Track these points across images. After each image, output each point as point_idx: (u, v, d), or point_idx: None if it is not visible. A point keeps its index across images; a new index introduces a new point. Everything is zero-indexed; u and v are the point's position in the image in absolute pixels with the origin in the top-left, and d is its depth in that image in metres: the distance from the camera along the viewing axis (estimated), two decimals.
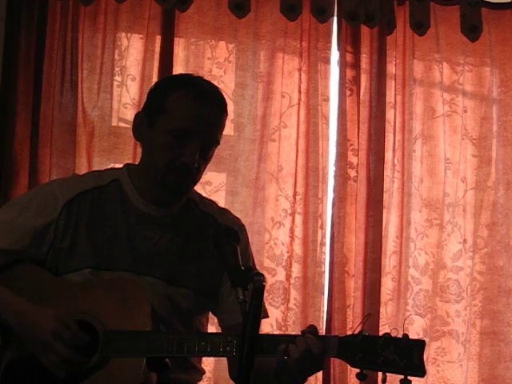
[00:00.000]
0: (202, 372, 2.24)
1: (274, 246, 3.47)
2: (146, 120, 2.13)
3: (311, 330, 1.94)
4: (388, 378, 1.88)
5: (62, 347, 1.91)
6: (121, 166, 2.31)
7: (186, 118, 2.07)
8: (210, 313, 2.28)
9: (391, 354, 1.85)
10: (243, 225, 2.30)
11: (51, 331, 1.92)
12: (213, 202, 2.33)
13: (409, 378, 1.84)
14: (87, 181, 2.20)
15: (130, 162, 3.17)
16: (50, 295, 2.04)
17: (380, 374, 1.91)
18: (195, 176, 2.12)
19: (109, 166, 3.31)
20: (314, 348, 1.89)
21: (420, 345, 1.86)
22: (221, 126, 2.14)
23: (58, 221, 2.10)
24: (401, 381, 1.85)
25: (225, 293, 2.17)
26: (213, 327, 2.64)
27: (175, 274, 2.12)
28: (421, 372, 1.85)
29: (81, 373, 1.93)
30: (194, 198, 2.24)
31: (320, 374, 3.34)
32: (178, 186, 2.11)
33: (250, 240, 2.33)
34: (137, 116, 2.19)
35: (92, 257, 2.08)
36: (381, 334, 1.95)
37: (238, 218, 2.33)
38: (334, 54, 3.59)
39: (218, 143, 2.15)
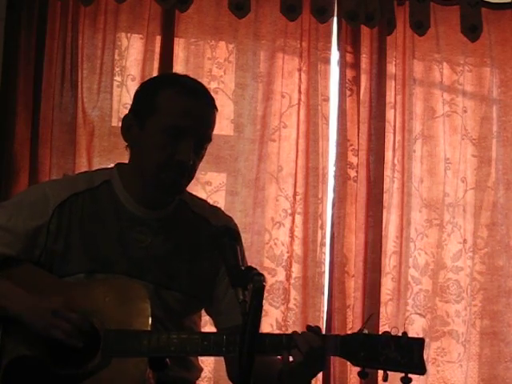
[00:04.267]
0: (201, 369, 2.24)
1: (274, 246, 3.47)
2: (136, 121, 2.11)
3: (314, 329, 1.95)
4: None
5: (70, 314, 1.93)
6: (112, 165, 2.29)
7: (178, 115, 2.05)
8: (206, 314, 2.28)
9: (392, 353, 1.86)
10: (235, 224, 2.28)
11: (55, 306, 1.95)
12: (204, 202, 2.33)
13: (409, 375, 1.85)
14: (78, 182, 2.18)
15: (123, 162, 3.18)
16: (49, 295, 2.04)
17: (380, 372, 1.92)
18: (190, 174, 2.11)
19: (103, 166, 3.32)
20: (314, 344, 1.90)
21: (420, 343, 1.87)
22: (211, 121, 2.12)
23: (49, 224, 2.09)
24: (401, 379, 1.86)
25: (219, 294, 2.17)
26: (213, 327, 2.64)
27: (166, 278, 2.11)
28: (421, 370, 1.86)
29: (85, 371, 1.93)
30: (184, 198, 2.22)
31: (320, 374, 3.33)
32: (173, 185, 2.09)
33: (250, 240, 2.34)
34: (125, 118, 2.16)
35: (86, 261, 2.07)
36: (381, 333, 1.96)
37: (230, 216, 2.31)
38: (334, 54, 3.59)
39: (210, 140, 2.13)
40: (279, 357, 1.97)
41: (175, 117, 2.06)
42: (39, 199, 2.11)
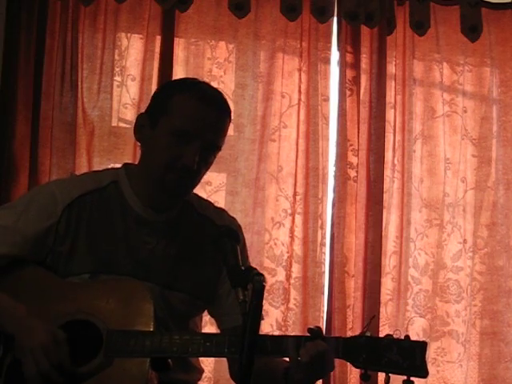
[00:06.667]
0: (202, 371, 2.25)
1: (274, 246, 3.47)
2: (149, 121, 2.13)
3: (317, 330, 1.94)
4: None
5: (44, 361, 1.88)
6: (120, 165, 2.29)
7: (187, 119, 2.06)
8: (209, 315, 2.29)
9: (394, 355, 1.86)
10: (239, 225, 2.29)
11: (40, 343, 1.90)
12: (209, 203, 2.33)
13: (411, 378, 1.85)
14: (86, 182, 2.18)
15: (129, 162, 3.18)
16: (52, 295, 2.04)
17: (380, 374, 1.92)
18: (194, 179, 2.11)
19: (109, 167, 3.32)
20: (324, 351, 1.90)
21: (422, 346, 1.87)
22: (223, 130, 2.13)
23: (58, 224, 2.09)
24: (403, 382, 1.86)
25: (223, 295, 2.18)
26: (213, 328, 2.64)
27: (172, 280, 2.11)
28: (423, 373, 1.86)
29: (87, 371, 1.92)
30: (190, 200, 2.23)
31: None
32: (177, 188, 2.10)
33: (250, 240, 2.34)
34: (139, 117, 2.18)
35: (91, 262, 2.08)
36: (381, 333, 1.96)
37: (234, 218, 2.32)
38: (334, 54, 3.59)
39: (219, 149, 2.14)
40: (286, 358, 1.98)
41: (184, 120, 2.06)
42: (48, 200, 2.11)
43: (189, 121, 2.06)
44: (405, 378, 1.86)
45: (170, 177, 2.07)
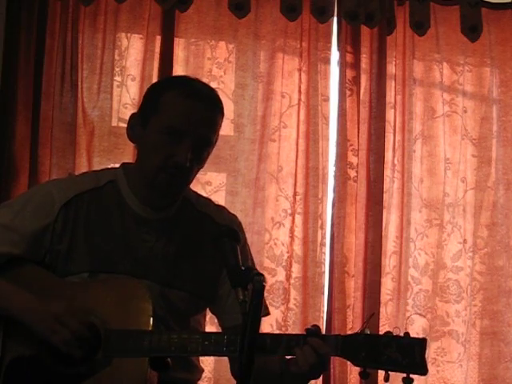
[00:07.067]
0: (202, 370, 2.25)
1: (274, 246, 3.47)
2: (140, 121, 2.13)
3: (315, 329, 1.94)
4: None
5: (71, 321, 1.92)
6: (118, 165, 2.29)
7: (176, 116, 2.06)
8: (210, 313, 2.29)
9: (394, 353, 1.85)
10: (240, 222, 2.30)
11: (56, 314, 1.94)
12: (209, 201, 2.33)
13: (411, 376, 1.85)
14: (84, 182, 2.19)
15: (129, 161, 3.17)
16: (50, 295, 2.03)
17: (380, 372, 1.91)
18: (187, 176, 2.11)
19: (108, 166, 3.32)
20: (322, 352, 1.90)
21: (421, 343, 1.87)
22: (214, 125, 2.12)
23: (55, 223, 2.09)
24: (403, 379, 1.85)
25: (224, 294, 2.17)
26: (213, 327, 2.65)
27: (171, 278, 2.11)
28: (423, 370, 1.85)
29: (86, 371, 1.93)
30: (189, 198, 2.23)
31: None
32: (169, 188, 2.09)
33: (250, 240, 2.33)
34: (132, 117, 2.18)
35: (90, 261, 2.08)
36: (381, 333, 1.95)
37: (234, 215, 2.32)
38: (334, 54, 3.59)
39: (212, 144, 2.13)
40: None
41: (173, 118, 2.06)
42: (45, 199, 2.12)
43: (178, 118, 2.05)
44: (404, 375, 1.86)
45: (162, 177, 2.06)
